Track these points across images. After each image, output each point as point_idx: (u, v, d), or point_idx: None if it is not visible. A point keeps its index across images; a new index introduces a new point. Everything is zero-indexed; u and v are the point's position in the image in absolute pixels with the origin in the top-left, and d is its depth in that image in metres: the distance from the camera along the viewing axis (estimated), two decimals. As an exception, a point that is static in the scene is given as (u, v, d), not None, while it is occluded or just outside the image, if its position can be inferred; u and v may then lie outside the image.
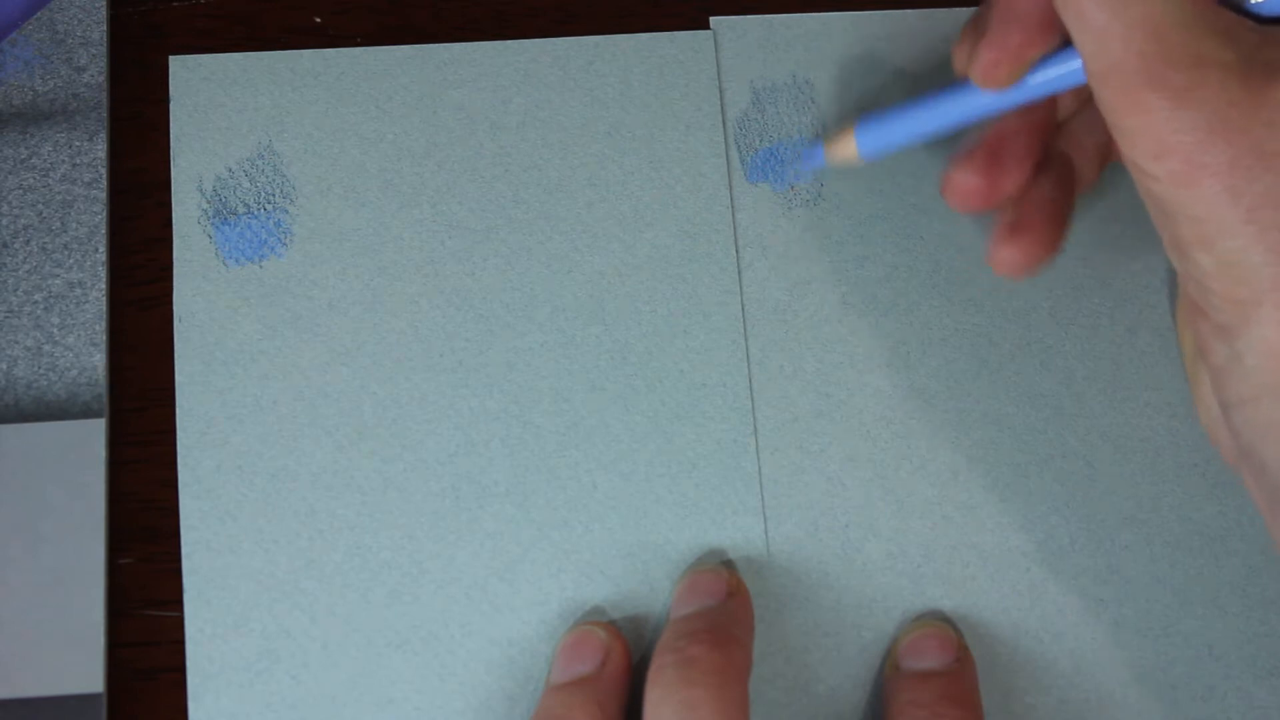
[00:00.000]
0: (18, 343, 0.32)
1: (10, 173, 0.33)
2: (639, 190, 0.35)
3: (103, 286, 0.33)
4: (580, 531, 0.33)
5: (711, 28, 0.36)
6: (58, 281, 0.33)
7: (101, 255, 0.33)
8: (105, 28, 0.35)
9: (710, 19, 0.36)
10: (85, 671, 0.31)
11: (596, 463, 0.33)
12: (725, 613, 0.31)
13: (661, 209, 0.35)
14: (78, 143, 0.34)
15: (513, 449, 0.33)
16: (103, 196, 0.34)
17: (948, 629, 0.32)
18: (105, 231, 0.33)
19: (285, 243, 0.34)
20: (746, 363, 0.34)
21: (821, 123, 0.35)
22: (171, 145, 0.34)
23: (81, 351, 0.33)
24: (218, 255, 0.33)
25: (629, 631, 0.32)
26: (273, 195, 0.34)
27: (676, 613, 0.31)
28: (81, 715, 0.30)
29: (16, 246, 0.33)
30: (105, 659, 0.31)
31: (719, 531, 0.33)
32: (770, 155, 0.35)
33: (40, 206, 0.33)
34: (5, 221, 0.33)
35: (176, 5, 0.35)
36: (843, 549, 0.33)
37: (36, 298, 0.33)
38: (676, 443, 0.33)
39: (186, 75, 0.34)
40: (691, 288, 0.34)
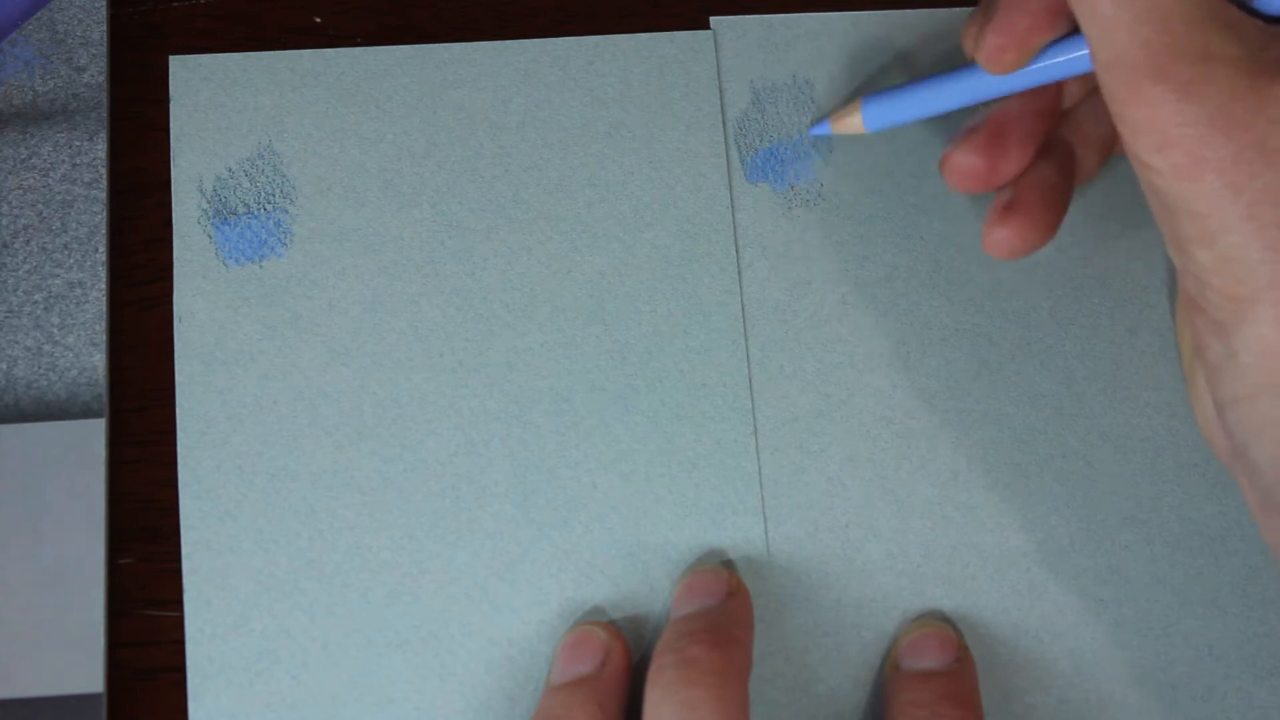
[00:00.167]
0: (18, 343, 0.32)
1: (10, 173, 0.33)
2: (639, 190, 0.35)
3: (103, 286, 0.33)
4: (580, 531, 0.33)
5: (711, 28, 0.36)
6: (58, 281, 0.33)
7: (101, 255, 0.33)
8: (105, 28, 0.35)
9: (710, 19, 0.36)
10: (85, 671, 0.31)
11: (596, 463, 0.33)
12: (725, 613, 0.31)
13: (661, 209, 0.35)
14: (78, 143, 0.34)
15: (513, 449, 0.33)
16: (103, 196, 0.34)
17: (948, 629, 0.32)
18: (105, 231, 0.33)
19: (285, 243, 0.34)
20: (746, 363, 0.34)
21: (821, 110, 0.35)
22: (171, 145, 0.34)
23: (81, 351, 0.33)
24: (218, 255, 0.33)
25: (629, 631, 0.32)
26: (273, 195, 0.34)
27: (676, 613, 0.31)
28: (81, 715, 0.30)
29: (16, 246, 0.33)
30: (105, 659, 0.31)
31: (719, 531, 0.33)
32: (770, 155, 0.35)
33: (40, 206, 0.33)
34: (5, 221, 0.33)
35: (176, 5, 0.35)
36: (843, 549, 0.33)
37: (36, 298, 0.33)
38: (676, 443, 0.33)
39: (186, 75, 0.34)
40: (691, 288, 0.34)
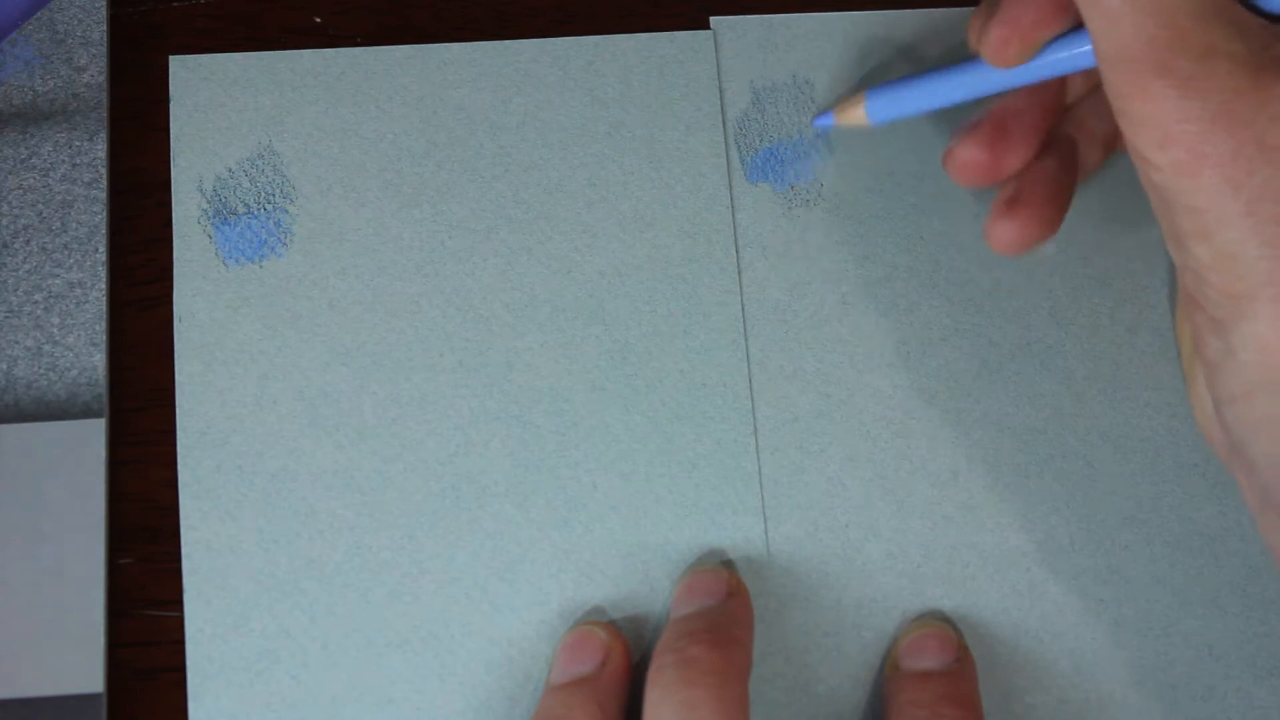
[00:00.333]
0: (18, 343, 0.32)
1: (10, 173, 0.33)
2: (639, 190, 0.35)
3: (103, 286, 0.33)
4: (580, 531, 0.33)
5: (711, 28, 0.36)
6: (58, 281, 0.33)
7: (101, 255, 0.33)
8: (105, 28, 0.35)
9: (710, 19, 0.36)
10: (85, 671, 0.31)
11: (596, 463, 0.33)
12: (725, 613, 0.31)
13: (661, 209, 0.35)
14: (78, 143, 0.34)
15: (513, 449, 0.33)
16: (103, 196, 0.34)
17: (948, 629, 0.32)
18: (105, 231, 0.33)
19: (285, 243, 0.34)
20: (746, 363, 0.34)
21: (824, 104, 0.35)
22: (171, 145, 0.34)
23: (81, 351, 0.33)
24: (218, 255, 0.33)
25: (629, 631, 0.32)
26: (273, 195, 0.34)
27: (676, 613, 0.31)
28: (81, 715, 0.30)
29: (16, 246, 0.33)
30: (105, 659, 0.31)
31: (719, 531, 0.33)
32: (770, 155, 0.35)
33: (40, 206, 0.33)
34: (5, 221, 0.33)
35: (176, 5, 0.35)
36: (843, 549, 0.33)
37: (36, 298, 0.33)
38: (676, 443, 0.33)
39: (186, 75, 0.34)
40: (691, 288, 0.34)
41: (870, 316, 0.35)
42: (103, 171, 0.34)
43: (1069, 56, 0.29)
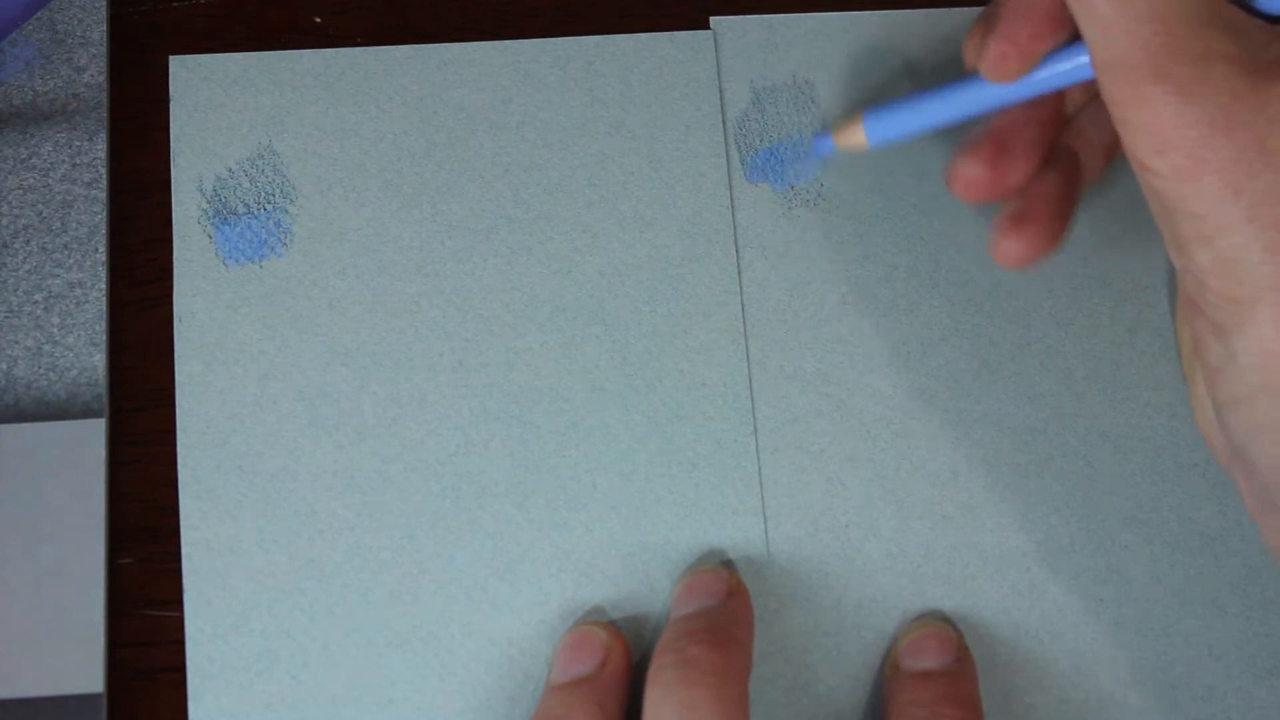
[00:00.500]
0: (18, 343, 0.32)
1: (10, 173, 0.33)
2: (639, 190, 0.35)
3: (103, 286, 0.33)
4: (580, 531, 0.33)
5: (711, 28, 0.36)
6: (58, 281, 0.33)
7: (101, 255, 0.33)
8: (105, 28, 0.35)
9: (710, 19, 0.36)
10: (85, 671, 0.31)
11: (596, 463, 0.33)
12: (725, 613, 0.31)
13: (661, 209, 0.35)
14: (78, 143, 0.34)
15: (513, 449, 0.33)
16: (103, 196, 0.34)
17: (948, 629, 0.32)
18: (105, 231, 0.33)
19: (285, 243, 0.34)
20: (746, 363, 0.34)
21: (822, 122, 0.35)
22: (171, 145, 0.34)
23: (81, 351, 0.33)
24: (218, 255, 0.33)
25: (629, 631, 0.32)
26: (273, 195, 0.34)
27: (676, 613, 0.31)
28: (81, 715, 0.30)
29: (16, 246, 0.33)
30: (105, 659, 0.31)
31: (719, 531, 0.33)
32: (770, 155, 0.35)
33: (40, 206, 0.33)
34: (5, 221, 0.33)
35: (176, 5, 0.35)
36: (843, 549, 0.33)
37: (36, 298, 0.33)
38: (676, 443, 0.33)
39: (186, 75, 0.34)
40: (691, 288, 0.34)
41: (870, 316, 0.35)
42: (103, 171, 0.34)
43: (1067, 69, 0.29)
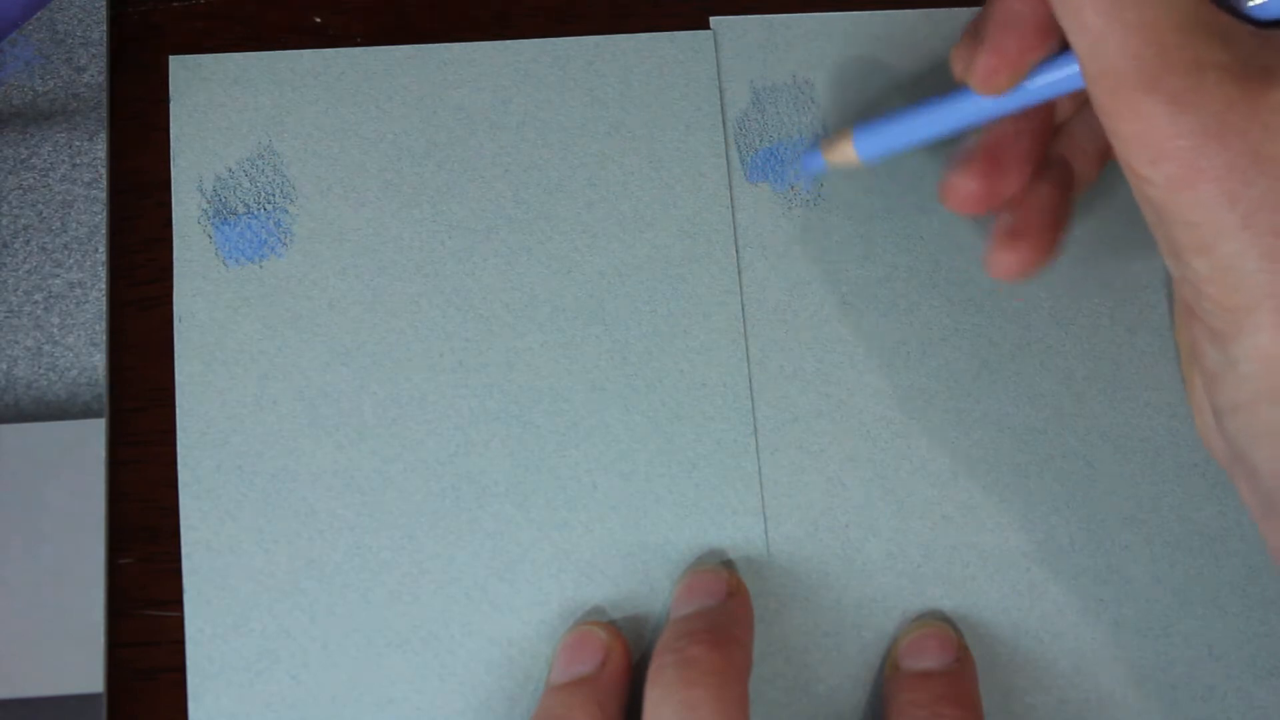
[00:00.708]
0: (18, 343, 0.32)
1: (10, 173, 0.33)
2: (639, 190, 0.35)
3: (103, 286, 0.33)
4: (580, 531, 0.33)
5: (711, 28, 0.36)
6: (58, 281, 0.33)
7: (101, 255, 0.33)
8: (105, 28, 0.35)
9: (710, 19, 0.36)
10: (85, 671, 0.31)
11: (596, 463, 0.33)
12: (725, 613, 0.31)
13: (661, 209, 0.35)
14: (78, 143, 0.34)
15: (513, 449, 0.33)
16: (103, 196, 0.34)
17: (948, 629, 0.32)
18: (105, 231, 0.33)
19: (285, 243, 0.34)
20: (746, 363, 0.34)
21: (822, 122, 0.35)
22: (171, 145, 0.34)
23: (81, 351, 0.33)
24: (218, 255, 0.33)
25: (629, 631, 0.32)
26: (273, 195, 0.34)
27: (676, 613, 0.31)
28: (81, 715, 0.30)
29: (16, 246, 0.33)
30: (105, 659, 0.31)
31: (719, 531, 0.33)
32: (770, 155, 0.35)
33: (40, 206, 0.33)
34: (5, 221, 0.33)
35: (176, 5, 0.35)
36: (843, 549, 0.33)
37: (36, 298, 0.33)
38: (676, 443, 0.33)
39: (186, 75, 0.34)
40: (691, 288, 0.34)
41: (870, 316, 0.35)
42: (103, 171, 0.34)
43: (1057, 79, 0.29)
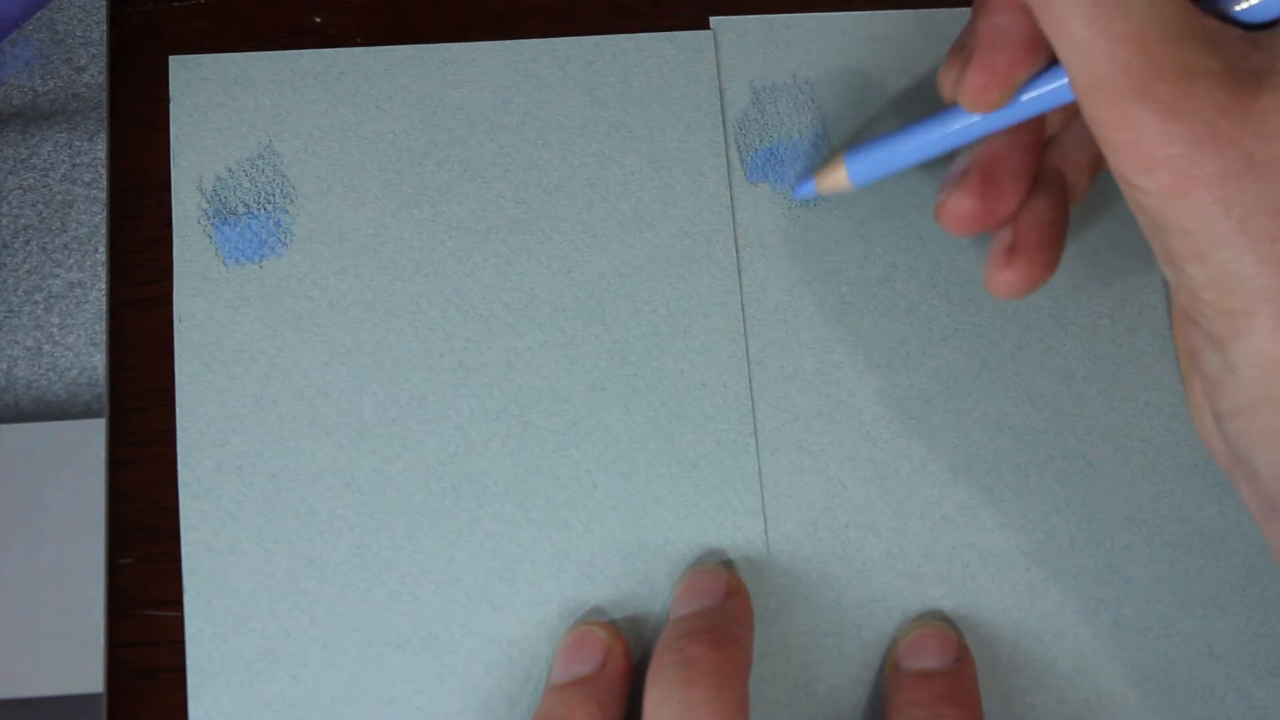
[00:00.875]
0: (18, 343, 0.32)
1: (10, 173, 0.33)
2: (639, 190, 0.35)
3: (103, 286, 0.33)
4: (580, 531, 0.33)
5: (711, 28, 0.36)
6: (58, 281, 0.33)
7: (101, 255, 0.33)
8: (105, 28, 0.35)
9: (710, 19, 0.36)
10: (85, 671, 0.31)
11: (596, 463, 0.33)
12: (725, 613, 0.31)
13: (661, 209, 0.35)
14: (78, 143, 0.34)
15: (513, 449, 0.33)
16: (103, 196, 0.34)
17: (948, 629, 0.32)
18: (105, 231, 0.33)
19: (285, 243, 0.34)
20: (746, 363, 0.34)
21: (822, 122, 0.35)
22: (171, 145, 0.34)
23: (81, 351, 0.33)
24: (218, 255, 0.33)
25: (629, 631, 0.32)
26: (273, 195, 0.34)
27: (676, 613, 0.31)
28: (81, 715, 0.30)
29: (16, 246, 0.33)
30: (105, 659, 0.31)
31: (719, 531, 0.33)
32: (770, 155, 0.35)
33: (40, 206, 0.33)
34: (5, 221, 0.33)
35: (176, 5, 0.35)
36: (843, 549, 0.33)
37: (36, 298, 0.33)
38: (676, 443, 0.33)
39: (186, 75, 0.34)
40: (691, 288, 0.34)
41: (870, 316, 0.35)
42: (103, 171, 0.34)
43: (1047, 93, 0.28)
